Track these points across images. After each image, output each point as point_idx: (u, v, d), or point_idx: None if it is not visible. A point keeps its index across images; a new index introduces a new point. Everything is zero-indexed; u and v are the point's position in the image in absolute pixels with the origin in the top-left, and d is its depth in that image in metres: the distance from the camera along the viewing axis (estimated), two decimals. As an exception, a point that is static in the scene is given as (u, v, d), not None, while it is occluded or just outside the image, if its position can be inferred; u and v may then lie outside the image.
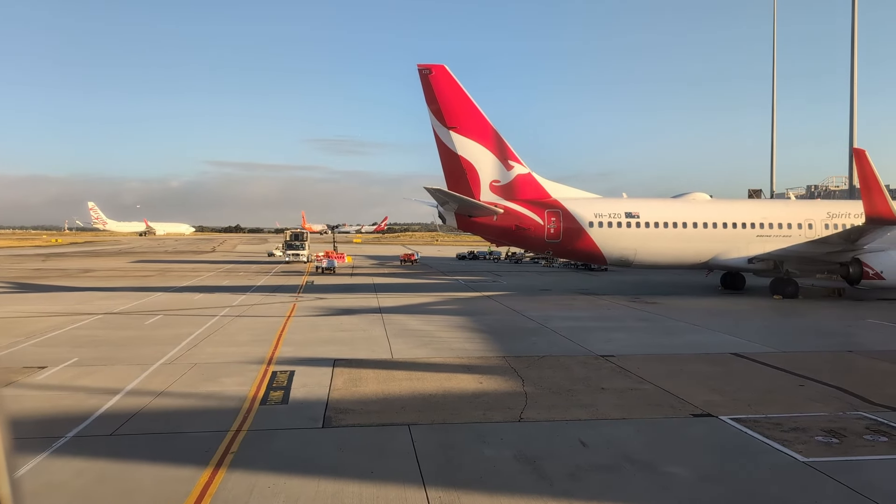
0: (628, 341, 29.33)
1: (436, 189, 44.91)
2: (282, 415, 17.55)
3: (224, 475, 13.15)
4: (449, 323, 34.80)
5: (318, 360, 24.75)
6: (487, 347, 27.46)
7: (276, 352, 26.31)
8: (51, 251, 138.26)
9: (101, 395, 19.48)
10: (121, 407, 18.14)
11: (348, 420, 16.92)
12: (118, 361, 24.44)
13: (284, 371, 22.68)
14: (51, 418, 17.18)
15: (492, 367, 23.59)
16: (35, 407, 18.14)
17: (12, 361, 24.35)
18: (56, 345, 27.99)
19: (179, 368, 23.13)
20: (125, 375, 22.08)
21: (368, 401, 18.82)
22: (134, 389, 20.09)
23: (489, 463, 13.92)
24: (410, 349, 26.98)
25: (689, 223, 47.93)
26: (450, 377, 21.83)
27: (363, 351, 26.67)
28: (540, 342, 28.80)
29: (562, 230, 46.91)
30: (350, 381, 21.16)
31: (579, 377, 21.96)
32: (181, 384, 20.81)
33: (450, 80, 47.36)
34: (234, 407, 18.25)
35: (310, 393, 19.75)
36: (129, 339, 29.37)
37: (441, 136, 47.81)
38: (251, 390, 20.10)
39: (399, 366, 23.89)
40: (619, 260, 48.31)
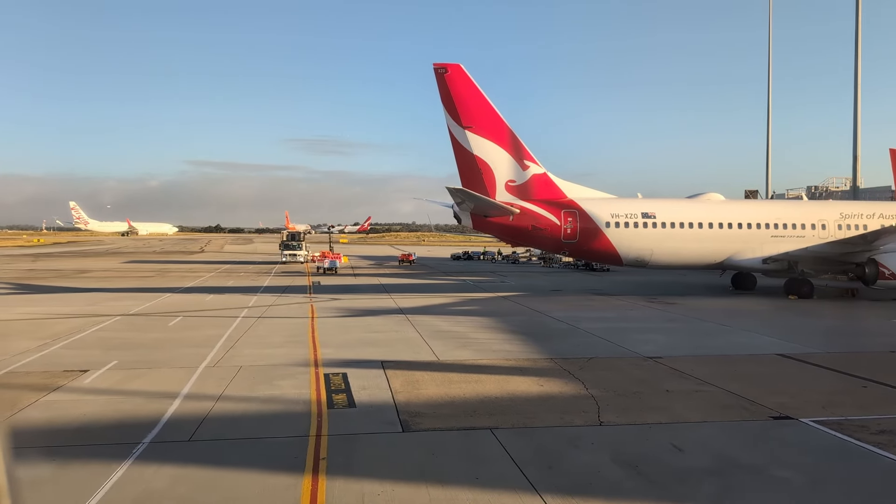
0: (667, 342, 29.19)
1: (457, 189, 44.60)
2: (355, 419, 17.14)
3: (326, 482, 12.76)
4: (478, 324, 34.50)
5: (363, 361, 24.34)
6: (529, 349, 27.19)
7: (317, 354, 25.85)
8: (37, 251, 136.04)
9: (158, 399, 18.97)
10: (186, 412, 17.64)
11: (426, 424, 16.55)
12: (159, 364, 23.86)
13: (336, 373, 22.25)
14: (118, 423, 16.67)
15: (544, 369, 23.32)
16: (97, 412, 17.60)
17: (50, 365, 23.73)
18: (86, 347, 27.34)
19: (226, 371, 22.62)
20: (174, 379, 21.56)
21: (436, 404, 18.47)
22: (191, 394, 19.57)
23: (592, 468, 13.65)
24: (452, 351, 26.64)
25: (705, 223, 48.05)
26: (507, 380, 21.51)
27: (405, 353, 26.29)
28: (579, 343, 28.61)
29: (578, 230, 46.80)
30: (408, 384, 20.78)
31: (637, 379, 21.76)
32: (236, 388, 20.32)
33: (465, 79, 47.07)
34: (302, 411, 17.83)
35: (373, 396, 19.36)
36: (159, 342, 28.76)
37: (456, 136, 47.49)
38: (312, 393, 19.66)
39: (449, 368, 23.54)
40: (635, 260, 48.30)
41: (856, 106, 63.32)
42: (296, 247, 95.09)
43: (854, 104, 63.40)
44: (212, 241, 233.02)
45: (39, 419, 16.97)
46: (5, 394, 19.51)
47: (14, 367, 23.33)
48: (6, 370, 22.76)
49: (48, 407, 18.06)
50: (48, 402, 18.50)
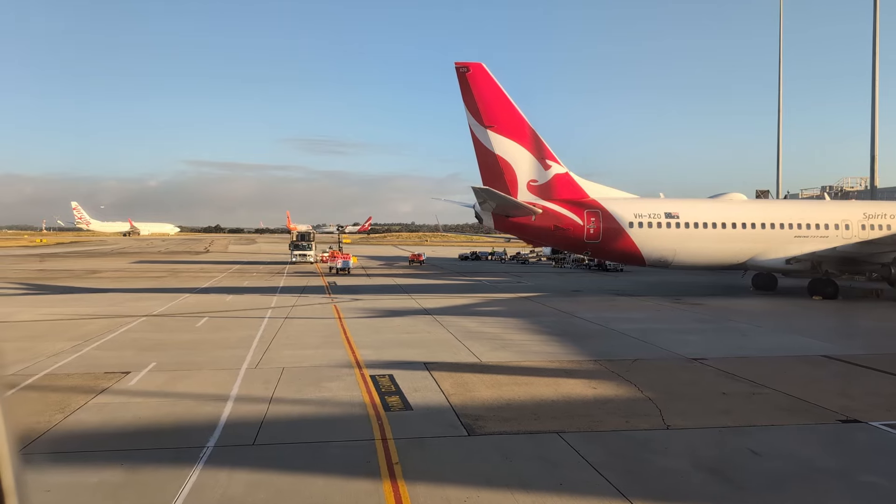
0: (706, 344, 28.91)
1: (482, 188, 44.28)
2: (415, 422, 16.82)
3: (407, 487, 12.44)
4: (508, 325, 34.18)
5: (406, 363, 24.03)
6: (568, 350, 26.87)
7: (356, 355, 25.54)
8: (42, 251, 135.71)
9: (209, 401, 18.68)
10: (242, 415, 17.33)
11: (490, 427, 16.24)
12: (200, 366, 23.55)
13: (382, 375, 21.95)
14: (176, 427, 16.37)
15: (591, 371, 23.02)
16: (151, 415, 17.30)
17: (88, 366, 23.41)
18: (120, 348, 27.02)
19: (270, 373, 22.31)
20: (218, 381, 21.26)
21: (493, 407, 18.16)
22: (240, 396, 19.26)
23: (674, 474, 13.36)
24: (491, 352, 26.32)
25: (728, 223, 47.75)
26: (558, 382, 21.21)
27: (445, 354, 25.99)
28: (618, 345, 28.33)
29: (601, 230, 46.49)
30: (458, 386, 20.47)
31: (689, 381, 21.48)
32: (285, 390, 20.01)
33: (487, 78, 46.76)
34: (359, 414, 17.53)
35: (427, 398, 19.05)
36: (192, 343, 28.44)
37: (478, 135, 47.18)
38: (364, 396, 19.36)
39: (494, 370, 23.22)
40: (658, 260, 47.99)
41: (873, 106, 63.04)
42: (306, 247, 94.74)
43: (872, 104, 63.13)
44: (214, 241, 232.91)
45: (93, 422, 16.65)
46: (52, 396, 19.19)
47: (53, 368, 23.01)
48: (46, 372, 22.43)
49: (100, 410, 17.74)
50: (98, 405, 18.19)
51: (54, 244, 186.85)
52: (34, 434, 15.51)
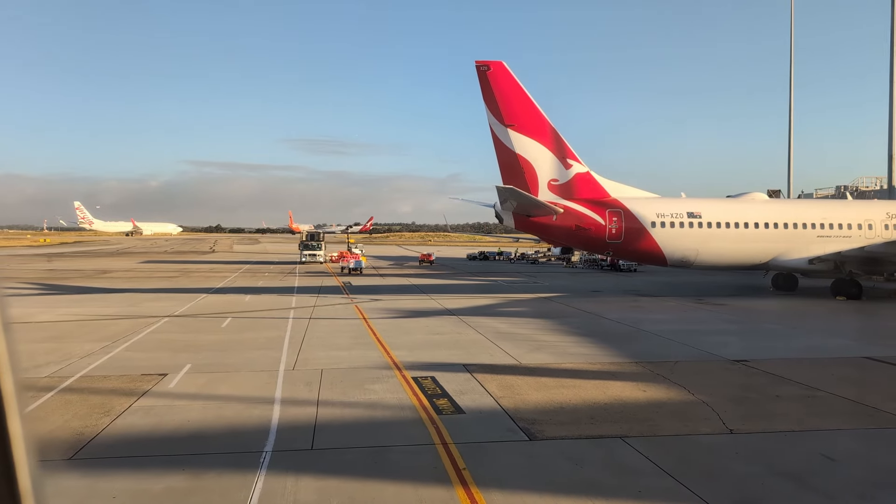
0: (744, 345, 28.56)
1: (506, 187, 43.85)
2: (471, 426, 16.42)
3: (483, 495, 12.04)
4: (537, 326, 33.77)
5: (444, 365, 23.65)
6: (606, 352, 26.47)
7: (392, 356, 25.15)
8: (48, 251, 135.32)
9: (256, 404, 18.31)
10: (293, 418, 16.94)
11: (550, 432, 15.84)
12: (236, 368, 23.17)
13: (424, 377, 21.57)
14: (228, 431, 16.00)
15: (635, 373, 22.64)
16: (200, 418, 16.91)
17: (123, 368, 23.03)
18: (150, 350, 26.63)
19: (309, 375, 21.94)
20: (259, 383, 20.88)
21: (546, 410, 17.77)
22: (286, 399, 18.88)
23: (754, 481, 12.96)
24: (528, 354, 25.93)
25: (751, 223, 47.34)
26: (605, 384, 20.82)
27: (481, 356, 25.59)
28: (654, 346, 27.96)
29: (623, 230, 46.08)
30: (505, 389, 20.10)
31: (738, 384, 21.11)
32: (329, 393, 19.63)
33: (508, 76, 46.35)
34: (411, 417, 17.15)
35: (476, 401, 18.67)
36: (221, 344, 28.05)
37: (498, 134, 46.77)
38: (411, 398, 18.97)
39: (536, 372, 22.82)
40: (680, 261, 47.58)
41: (891, 106, 62.56)
42: (315, 247, 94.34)
43: (890, 103, 62.65)
44: (218, 241, 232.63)
45: (143, 426, 16.26)
46: (93, 399, 18.80)
47: (87, 370, 22.62)
48: (81, 374, 22.04)
49: (146, 413, 17.35)
50: (144, 408, 17.80)
51: (58, 244, 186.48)
52: (84, 437, 15.13)
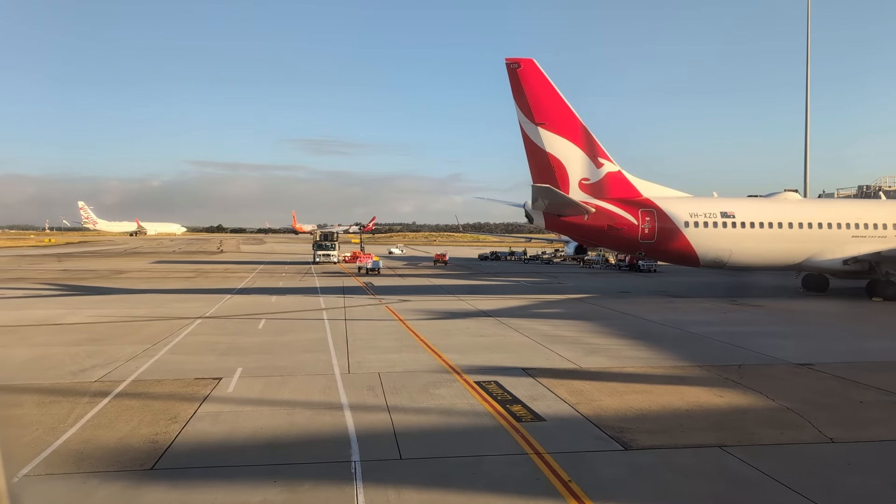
0: (802, 347, 27.96)
1: (542, 186, 43.16)
2: (558, 434, 15.75)
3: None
4: (580, 328, 33.06)
5: (502, 369, 22.97)
6: (663, 356, 25.80)
7: (444, 360, 24.49)
8: (55, 251, 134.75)
9: (324, 410, 17.66)
10: (368, 425, 16.27)
11: (643, 441, 15.16)
12: (290, 371, 22.50)
13: (488, 382, 20.90)
14: (307, 439, 15.38)
15: (703, 377, 21.96)
16: (273, 425, 16.26)
17: (174, 371, 22.38)
18: (194, 353, 25.97)
19: (368, 379, 21.29)
20: (319, 387, 20.24)
21: (629, 418, 17.09)
22: (355, 404, 18.22)
23: (878, 495, 12.24)
24: (584, 357, 25.25)
25: (785, 223, 46.64)
26: (679, 390, 20.13)
27: (536, 359, 24.90)
28: (711, 349, 27.41)
29: (656, 230, 45.38)
30: (576, 394, 19.42)
31: (815, 389, 20.47)
32: (396, 398, 18.96)
33: (538, 74, 45.65)
34: (490, 424, 16.48)
35: (553, 408, 18.00)
36: (264, 346, 27.41)
37: (528, 133, 46.07)
38: (483, 404, 18.31)
39: (600, 376, 22.17)
40: (713, 261, 46.87)
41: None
42: (329, 247, 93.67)
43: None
44: (224, 241, 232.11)
45: (217, 433, 15.59)
46: (154, 404, 18.14)
47: (137, 374, 21.95)
48: (132, 378, 21.37)
49: (215, 420, 16.66)
50: (210, 414, 17.13)
51: (63, 244, 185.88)
52: (159, 445, 14.47)
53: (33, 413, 17.17)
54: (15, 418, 16.66)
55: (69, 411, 17.36)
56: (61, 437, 15.07)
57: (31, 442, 14.78)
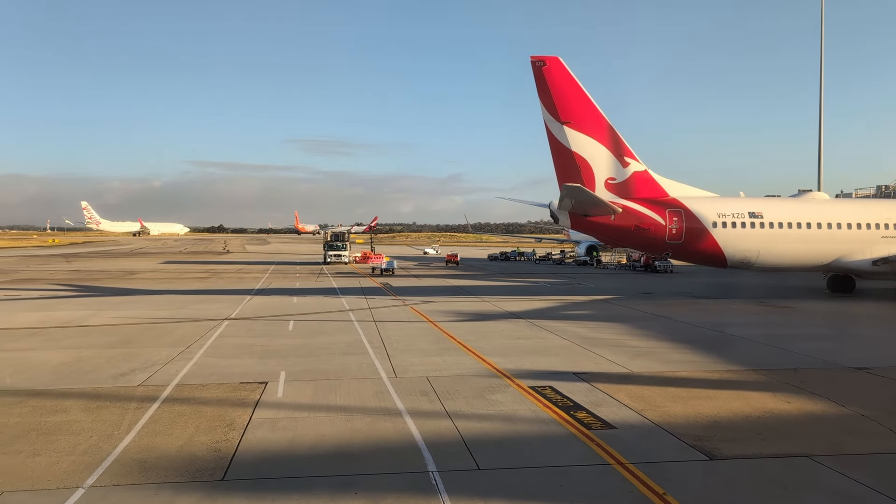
0: (853, 351, 27.46)
1: (574, 186, 42.50)
2: (633, 442, 15.11)
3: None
4: (617, 330, 32.40)
5: (552, 373, 22.37)
6: (712, 359, 25.17)
7: (489, 363, 23.87)
8: (62, 252, 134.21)
9: (383, 417, 17.05)
10: (434, 432, 15.70)
11: (726, 450, 14.54)
12: (336, 375, 21.92)
13: (543, 387, 20.29)
14: (373, 447, 14.78)
15: (763, 382, 21.36)
16: (335, 433, 15.68)
17: (217, 375, 21.81)
18: (232, 356, 25.36)
19: (417, 384, 20.71)
20: (371, 392, 19.66)
21: (702, 425, 16.48)
22: (413, 410, 17.61)
23: None
24: (632, 361, 24.62)
25: (814, 224, 45.98)
26: (743, 396, 19.53)
27: (583, 362, 24.27)
28: (758, 353, 26.87)
29: (684, 230, 44.73)
30: (639, 400, 18.80)
31: (882, 394, 20.03)
32: (455, 404, 18.35)
33: (564, 72, 44.99)
34: (561, 432, 15.91)
35: (619, 415, 17.37)
36: (301, 348, 26.82)
37: (553, 131, 45.42)
38: (545, 410, 17.74)
39: (657, 381, 21.53)
40: (741, 262, 46.22)
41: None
42: (341, 247, 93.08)
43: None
44: (228, 241, 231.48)
45: (279, 441, 14.98)
46: (206, 410, 17.53)
47: (179, 378, 21.33)
48: (176, 382, 20.75)
49: (274, 426, 16.05)
50: (268, 421, 16.53)
51: (67, 244, 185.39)
52: (223, 454, 13.89)
53: (83, 419, 16.56)
54: (65, 425, 16.04)
55: (120, 417, 16.75)
56: (119, 445, 14.46)
57: (89, 450, 14.19)
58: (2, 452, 14.01)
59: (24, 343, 27.93)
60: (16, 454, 13.92)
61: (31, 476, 12.68)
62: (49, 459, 13.59)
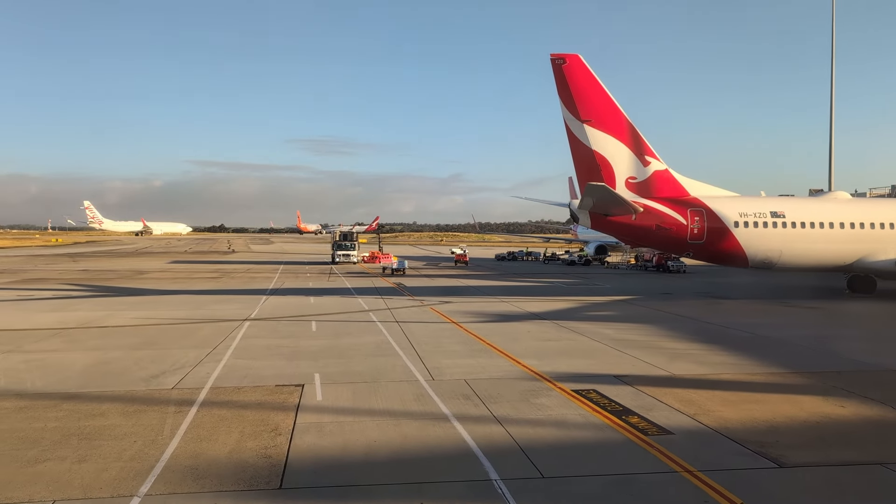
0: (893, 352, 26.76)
1: (598, 185, 42.03)
2: (694, 449, 14.62)
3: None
4: (646, 332, 31.88)
5: (592, 376, 21.92)
6: (751, 362, 24.72)
7: (525, 366, 23.39)
8: (66, 251, 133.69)
9: (431, 422, 16.60)
10: (486, 438, 15.25)
11: (794, 458, 14.08)
12: (372, 378, 21.45)
13: (586, 390, 19.81)
14: (427, 454, 14.36)
15: (810, 385, 20.89)
16: (385, 439, 15.23)
17: (249, 378, 21.32)
18: (260, 357, 24.92)
19: (457, 386, 20.27)
20: (411, 395, 19.24)
21: (759, 430, 16.02)
22: (460, 415, 17.17)
23: None
24: (671, 363, 24.13)
25: (836, 223, 45.46)
26: (793, 399, 19.06)
27: (621, 365, 23.81)
28: (797, 354, 26.49)
29: (706, 230, 44.22)
30: (689, 404, 18.33)
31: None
32: (499, 407, 17.91)
33: (584, 70, 44.51)
34: (617, 438, 15.45)
35: (671, 419, 16.90)
36: (329, 350, 26.39)
37: (573, 130, 44.93)
38: (594, 415, 17.28)
39: (700, 384, 21.05)
40: (762, 262, 45.71)
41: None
42: (350, 247, 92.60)
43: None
44: (232, 241, 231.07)
45: (330, 447, 14.52)
46: (248, 414, 17.06)
47: (212, 381, 20.87)
48: (210, 385, 20.28)
49: (321, 431, 15.58)
50: (314, 426, 16.09)
51: (71, 244, 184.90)
52: (275, 462, 13.44)
53: (123, 423, 16.10)
54: (105, 429, 15.57)
55: (160, 422, 16.27)
56: (166, 451, 13.99)
57: (136, 455, 13.72)
58: (47, 458, 13.53)
59: (47, 344, 27.46)
60: (61, 460, 13.45)
61: (82, 483, 12.21)
62: (97, 465, 13.12)
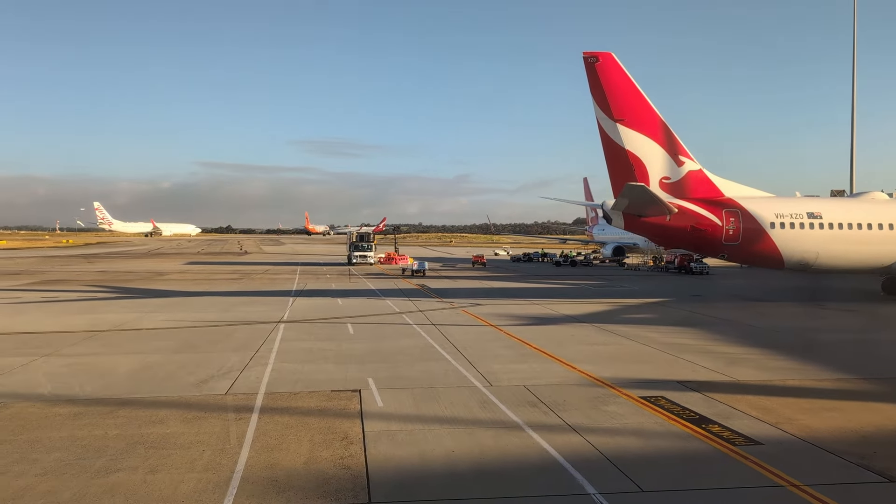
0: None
1: (637, 185, 41.28)
2: (793, 460, 13.94)
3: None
4: (693, 336, 31.13)
5: (654, 382, 21.26)
6: (813, 367, 24.02)
7: (583, 372, 22.69)
8: (79, 252, 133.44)
9: (503, 430, 16.06)
10: (567, 448, 14.75)
11: None
12: (426, 383, 20.89)
13: (655, 397, 19.16)
14: (519, 465, 13.69)
15: (885, 393, 20.32)
16: (463, 449, 14.64)
17: (303, 383, 20.86)
18: (307, 361, 24.38)
19: (517, 393, 19.68)
20: (474, 402, 18.61)
21: (847, 440, 15.38)
22: (533, 423, 16.60)
23: None
24: (729, 369, 23.42)
25: (874, 224, 44.56)
26: (873, 408, 18.41)
27: (680, 370, 23.14)
28: (859, 359, 25.91)
29: (741, 231, 43.39)
30: (766, 412, 17.68)
31: None
32: (570, 416, 17.25)
33: (617, 69, 43.77)
34: (705, 449, 14.81)
35: (753, 428, 16.23)
36: (376, 354, 25.82)
37: (606, 129, 44.18)
38: (672, 423, 16.64)
39: (770, 391, 20.41)
40: (798, 263, 44.84)
41: None
42: (366, 248, 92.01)
43: None
44: (243, 242, 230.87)
45: (408, 457, 13.96)
46: (312, 422, 16.48)
47: (265, 386, 20.23)
48: (264, 391, 19.64)
49: (393, 440, 14.98)
50: (385, 434, 15.56)
51: (82, 245, 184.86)
52: (356, 474, 12.85)
53: (185, 431, 15.48)
54: (169, 437, 14.95)
55: (223, 429, 15.66)
56: (239, 461, 13.38)
57: (209, 466, 13.12)
58: (117, 469, 12.91)
59: (84, 348, 26.91)
60: (132, 470, 12.83)
61: (161, 496, 11.58)
62: (171, 477, 12.49)
